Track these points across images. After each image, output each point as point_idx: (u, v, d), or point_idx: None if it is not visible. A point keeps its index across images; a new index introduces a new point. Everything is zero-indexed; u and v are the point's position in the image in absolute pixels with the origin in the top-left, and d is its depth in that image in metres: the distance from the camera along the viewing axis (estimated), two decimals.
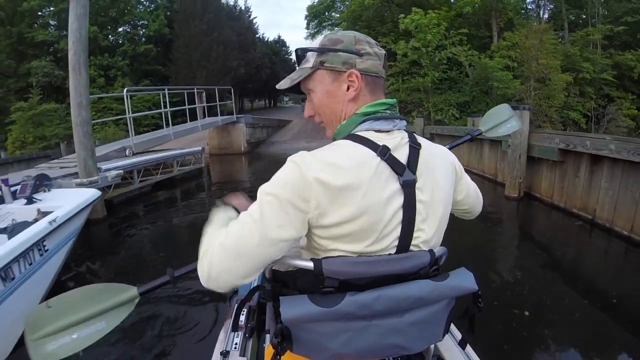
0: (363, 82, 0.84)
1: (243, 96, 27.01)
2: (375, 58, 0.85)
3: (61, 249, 2.93)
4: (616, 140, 4.16)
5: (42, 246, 2.66)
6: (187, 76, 19.57)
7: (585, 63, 14.09)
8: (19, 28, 19.25)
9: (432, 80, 12.36)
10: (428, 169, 0.83)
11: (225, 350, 1.28)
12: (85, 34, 5.01)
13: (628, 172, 3.99)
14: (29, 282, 2.48)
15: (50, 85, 19.24)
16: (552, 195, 5.26)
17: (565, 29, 16.46)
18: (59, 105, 18.21)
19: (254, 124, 13.74)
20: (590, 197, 4.58)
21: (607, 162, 4.28)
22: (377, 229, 0.76)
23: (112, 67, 20.04)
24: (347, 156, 0.76)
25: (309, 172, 0.73)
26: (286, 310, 0.74)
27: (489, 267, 3.68)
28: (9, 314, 2.26)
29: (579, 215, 4.74)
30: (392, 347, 0.82)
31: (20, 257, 2.39)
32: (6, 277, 2.28)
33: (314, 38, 12.03)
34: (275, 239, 0.75)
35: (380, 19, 15.18)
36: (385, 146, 0.79)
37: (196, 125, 10.38)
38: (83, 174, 4.77)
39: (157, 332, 2.63)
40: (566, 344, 2.54)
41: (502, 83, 11.70)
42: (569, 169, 4.91)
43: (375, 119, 0.83)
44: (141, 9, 22.87)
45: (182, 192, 7.48)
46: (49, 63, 18.91)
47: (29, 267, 2.49)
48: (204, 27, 20.32)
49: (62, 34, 19.88)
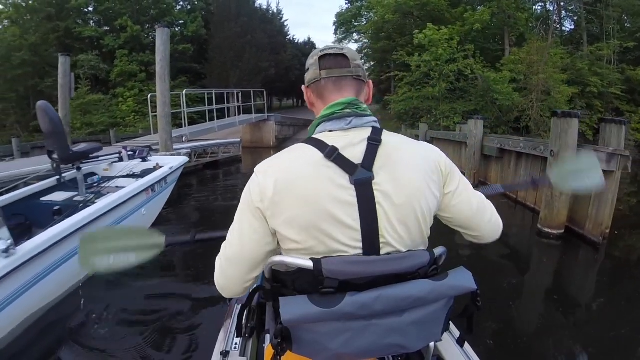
0: (310, 92, 1.03)
1: (272, 95, 29.91)
2: (313, 66, 0.99)
3: (171, 185, 5.58)
4: (524, 141, 6.55)
5: (165, 180, 5.30)
6: (221, 75, 22.66)
7: (594, 77, 15.99)
8: (66, 23, 22.48)
9: (439, 91, 14.71)
10: (389, 164, 0.88)
11: (225, 351, 1.37)
12: (167, 54, 7.73)
13: (531, 162, 6.35)
14: (161, 196, 5.14)
15: (95, 78, 22.60)
16: (496, 183, 7.62)
17: (584, 42, 18.36)
18: (104, 96, 21.69)
19: (282, 122, 16.51)
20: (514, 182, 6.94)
21: (524, 156, 6.63)
22: (327, 228, 0.84)
23: (152, 63, 23.13)
24: (294, 157, 0.91)
25: (262, 175, 0.89)
26: (286, 311, 0.80)
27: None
28: (152, 210, 4.89)
29: (509, 197, 7.11)
30: (392, 347, 0.88)
31: (158, 181, 5.03)
32: (152, 190, 4.91)
33: (340, 44, 15.40)
34: (251, 242, 0.90)
35: (400, 32, 17.69)
36: (333, 147, 0.87)
37: (234, 121, 13.31)
38: (163, 150, 7.49)
39: (157, 332, 2.82)
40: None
41: (502, 95, 13.94)
42: (504, 162, 7.29)
43: (328, 120, 0.94)
44: (178, 9, 26.01)
45: (223, 172, 10.36)
46: (95, 57, 22.14)
47: (160, 188, 5.13)
48: (238, 29, 23.31)
49: (106, 29, 23.55)
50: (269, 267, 0.91)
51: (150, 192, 4.78)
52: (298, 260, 0.85)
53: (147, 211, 4.76)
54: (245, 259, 0.91)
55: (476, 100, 14.88)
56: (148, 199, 4.75)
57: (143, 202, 4.61)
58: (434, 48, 14.79)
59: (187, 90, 10.82)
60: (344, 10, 24.53)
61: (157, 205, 5.13)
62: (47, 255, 2.88)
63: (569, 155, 4.73)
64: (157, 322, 2.94)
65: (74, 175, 4.62)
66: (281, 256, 0.89)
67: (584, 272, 4.54)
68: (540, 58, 14.11)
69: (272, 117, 15.76)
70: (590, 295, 3.90)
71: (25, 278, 2.68)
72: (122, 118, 20.99)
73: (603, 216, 4.72)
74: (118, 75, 22.23)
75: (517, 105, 14.39)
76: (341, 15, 24.69)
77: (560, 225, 5.04)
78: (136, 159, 5.83)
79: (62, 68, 8.96)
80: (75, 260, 3.14)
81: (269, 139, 15.43)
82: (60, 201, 4.21)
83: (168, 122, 7.56)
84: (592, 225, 4.79)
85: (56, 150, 4.35)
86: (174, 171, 5.68)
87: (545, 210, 5.12)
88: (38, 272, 2.81)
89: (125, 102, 21.53)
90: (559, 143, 4.82)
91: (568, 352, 2.74)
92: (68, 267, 3.10)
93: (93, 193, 4.50)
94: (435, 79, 14.87)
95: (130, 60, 22.57)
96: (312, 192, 0.84)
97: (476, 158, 7.89)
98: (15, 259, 2.55)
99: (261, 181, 0.87)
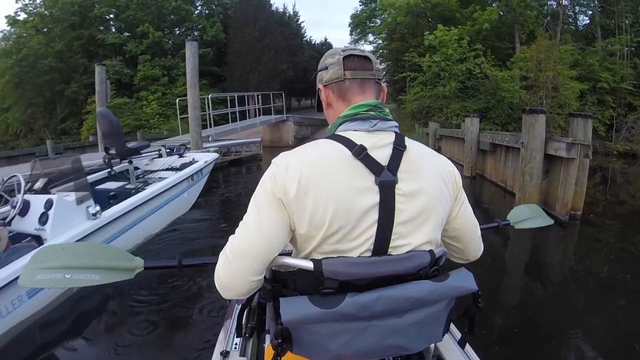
0: (330, 91, 1.04)
1: (291, 95, 31.22)
2: (335, 66, 1.01)
3: (205, 176, 6.89)
4: (510, 136, 7.64)
5: (201, 172, 6.60)
6: (241, 78, 24.08)
7: (605, 73, 16.64)
8: (89, 31, 24.25)
9: (450, 90, 15.75)
10: (413, 170, 0.92)
11: (225, 351, 1.40)
12: (196, 64, 9.09)
13: (517, 154, 7.43)
14: (198, 184, 6.46)
15: (119, 82, 24.12)
16: (491, 175, 8.73)
17: (598, 37, 19.00)
18: (129, 99, 23.30)
19: (300, 122, 17.87)
20: (505, 173, 8.03)
21: (511, 150, 7.71)
22: (346, 224, 0.86)
23: (173, 67, 24.60)
24: (319, 151, 0.92)
25: (284, 167, 0.89)
26: (286, 311, 0.83)
27: None
28: (192, 195, 6.21)
29: (499, 185, 8.20)
30: (392, 348, 0.91)
31: (196, 172, 6.32)
32: (192, 179, 6.20)
33: (356, 44, 16.81)
34: (271, 234, 0.90)
35: (412, 33, 18.80)
36: (362, 145, 0.89)
37: (255, 121, 14.82)
38: (194, 148, 8.84)
39: (158, 331, 2.93)
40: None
41: (509, 93, 14.90)
42: (496, 156, 8.38)
43: (351, 120, 0.96)
44: (196, 15, 27.50)
45: (246, 168, 11.81)
46: (118, 62, 23.74)
47: (197, 178, 6.43)
48: (256, 33, 24.56)
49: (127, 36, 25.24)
50: (270, 268, 0.94)
51: (190, 180, 6.10)
52: (298, 261, 0.89)
53: (188, 195, 6.10)
54: (259, 251, 0.91)
55: (486, 98, 15.85)
56: (189, 186, 6.08)
57: (185, 188, 5.94)
58: (444, 49, 15.85)
59: (212, 95, 12.24)
60: (358, 12, 26.00)
61: (195, 192, 6.45)
62: (118, 221, 4.19)
63: (521, 206, 5.92)
64: (157, 322, 3.05)
65: (124, 168, 5.89)
66: (282, 257, 0.92)
67: (554, 248, 5.30)
68: (548, 55, 14.98)
69: (290, 117, 17.20)
70: (568, 274, 4.35)
71: (104, 237, 3.96)
72: (147, 120, 22.45)
73: (568, 198, 5.81)
74: (141, 79, 23.74)
75: (525, 103, 15.19)
76: (356, 17, 26.13)
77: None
78: (174, 155, 7.10)
79: (98, 77, 10.47)
80: (132, 230, 4.53)
81: (288, 138, 16.80)
82: (114, 188, 5.42)
83: (198, 124, 8.94)
84: (560, 206, 5.88)
85: (114, 147, 5.70)
86: (208, 165, 6.98)
87: (519, 192, 6.25)
88: (111, 234, 4.10)
89: (149, 105, 23.01)
90: (528, 135, 5.93)
91: (568, 351, 2.78)
92: (131, 232, 4.47)
93: (140, 182, 5.78)
94: (445, 78, 15.92)
95: (153, 65, 24.08)
96: (337, 188, 0.86)
97: (473, 152, 9.03)
98: (101, 220, 3.88)
99: (283, 174, 0.88)
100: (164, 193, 5.24)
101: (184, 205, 6.01)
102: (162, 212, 5.24)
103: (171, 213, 5.56)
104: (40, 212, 3.42)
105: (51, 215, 3.40)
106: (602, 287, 3.95)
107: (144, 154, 6.46)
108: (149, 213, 4.88)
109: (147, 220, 4.83)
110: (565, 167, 5.65)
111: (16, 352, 2.74)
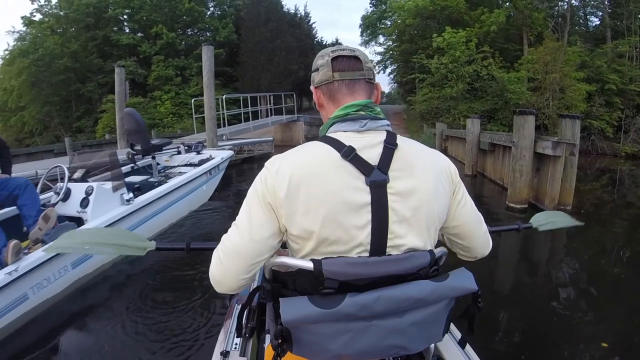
0: (320, 93, 1.06)
1: (302, 95, 31.80)
2: (325, 67, 1.02)
3: (222, 172, 7.59)
4: (505, 135, 8.24)
5: (217, 167, 7.30)
6: (253, 78, 24.78)
7: (613, 74, 16.98)
8: (104, 32, 25.19)
9: (457, 91, 16.28)
10: (406, 168, 0.93)
11: (225, 351, 1.43)
12: (212, 67, 9.81)
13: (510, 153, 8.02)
14: (215, 178, 7.17)
15: (133, 82, 24.77)
16: (490, 173, 9.31)
17: (608, 39, 19.28)
18: (143, 99, 24.20)
19: (311, 122, 18.53)
20: (502, 171, 8.61)
21: (508, 149, 8.27)
22: (339, 226, 0.88)
23: (187, 67, 25.42)
24: (309, 154, 0.95)
25: (274, 171, 0.92)
26: (286, 311, 0.84)
27: None
28: (210, 188, 6.92)
29: (497, 183, 8.78)
30: (392, 348, 0.92)
31: (214, 167, 7.02)
32: (210, 173, 6.90)
33: (367, 45, 17.66)
34: (259, 236, 0.93)
35: (421, 35, 19.38)
36: (351, 146, 0.91)
37: (267, 121, 15.64)
38: (210, 146, 9.56)
39: (158, 331, 2.97)
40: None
41: (515, 94, 15.42)
42: (495, 155, 8.96)
43: (342, 121, 0.98)
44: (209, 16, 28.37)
45: (257, 166, 12.40)
46: (132, 63, 24.55)
47: (215, 172, 7.13)
48: (267, 34, 25.20)
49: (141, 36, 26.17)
50: (270, 268, 0.98)
51: (208, 174, 6.81)
52: (298, 261, 0.91)
53: (207, 188, 6.82)
54: (248, 253, 0.94)
55: (493, 99, 16.38)
56: (207, 180, 6.78)
57: (204, 182, 6.65)
58: (452, 50, 16.42)
59: (226, 96, 13.00)
60: (368, 13, 26.66)
61: (213, 185, 7.16)
62: (145, 209, 4.84)
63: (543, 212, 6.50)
64: (157, 322, 3.09)
65: (146, 163, 6.58)
66: (282, 257, 0.95)
67: (551, 245, 5.46)
68: (555, 57, 15.46)
69: (301, 117, 17.95)
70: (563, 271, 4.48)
71: (133, 221, 4.62)
72: (161, 119, 23.36)
73: (555, 193, 6.40)
74: (155, 79, 24.63)
75: (531, 104, 15.62)
76: (366, 18, 26.84)
77: (524, 200, 6.72)
78: (192, 152, 7.79)
79: (117, 78, 11.21)
80: (157, 217, 5.18)
81: (299, 138, 17.47)
82: (138, 181, 6.01)
83: (214, 123, 9.69)
84: (548, 201, 6.47)
85: (139, 143, 6.42)
86: (224, 161, 7.68)
87: (510, 188, 6.85)
88: (139, 219, 4.76)
89: (162, 105, 23.92)
90: (518, 135, 6.53)
91: (569, 351, 2.78)
92: (156, 220, 5.12)
93: (162, 176, 6.46)
94: (453, 80, 16.48)
95: (167, 66, 24.96)
96: (327, 190, 0.88)
97: (474, 152, 9.63)
98: (133, 206, 4.56)
99: (274, 176, 0.91)
100: (185, 185, 5.94)
101: (203, 197, 6.72)
102: (183, 203, 5.90)
103: (191, 204, 6.22)
104: (82, 197, 4.02)
105: (92, 200, 4.00)
106: (600, 284, 4.02)
107: (164, 150, 7.18)
108: (171, 203, 5.53)
109: (169, 210, 5.48)
110: (553, 164, 6.25)
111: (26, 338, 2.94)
